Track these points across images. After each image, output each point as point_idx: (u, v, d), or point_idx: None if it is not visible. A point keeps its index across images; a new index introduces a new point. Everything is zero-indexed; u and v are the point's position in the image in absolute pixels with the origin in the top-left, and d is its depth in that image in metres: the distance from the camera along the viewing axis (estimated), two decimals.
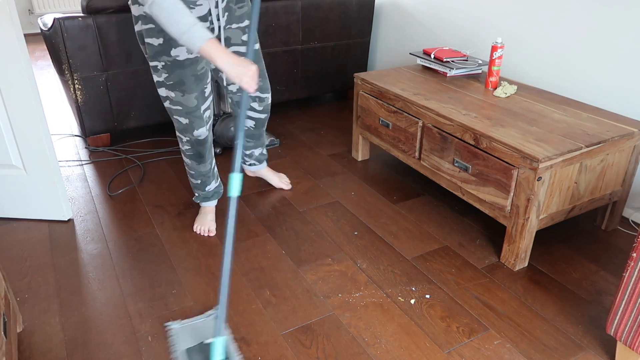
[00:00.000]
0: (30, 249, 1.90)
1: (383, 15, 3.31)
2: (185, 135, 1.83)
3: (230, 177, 1.47)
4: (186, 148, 1.87)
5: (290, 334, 1.52)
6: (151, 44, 1.64)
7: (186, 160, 1.93)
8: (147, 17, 1.60)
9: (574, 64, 2.20)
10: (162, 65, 1.67)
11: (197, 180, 1.97)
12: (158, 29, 1.61)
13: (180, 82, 1.69)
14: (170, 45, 1.63)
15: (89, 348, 1.47)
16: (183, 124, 1.79)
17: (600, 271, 1.80)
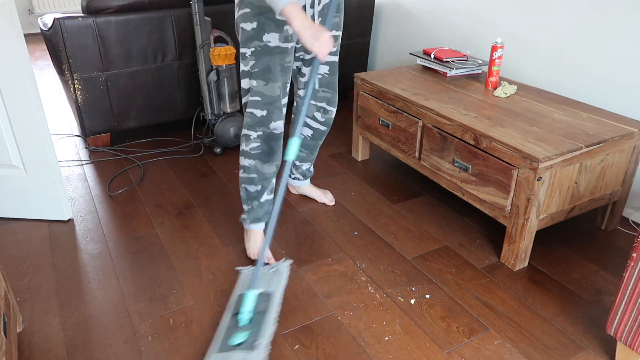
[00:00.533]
0: (30, 249, 1.90)
1: (383, 15, 3.31)
2: (257, 130, 1.72)
3: (289, 141, 1.58)
4: (254, 146, 1.74)
5: (290, 334, 1.52)
6: (245, 28, 1.62)
7: (249, 162, 1.76)
8: (245, 2, 1.60)
9: (574, 63, 2.20)
10: (251, 51, 1.64)
11: (258, 185, 1.79)
12: (253, 13, 1.59)
13: (267, 69, 1.65)
14: (264, 30, 1.61)
15: (89, 348, 1.47)
16: (258, 116, 1.70)
17: (600, 271, 1.80)
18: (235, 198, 2.24)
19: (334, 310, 1.61)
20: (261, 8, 1.59)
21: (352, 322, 1.56)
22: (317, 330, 1.53)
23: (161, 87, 2.71)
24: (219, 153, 2.65)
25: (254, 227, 1.84)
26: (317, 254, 1.88)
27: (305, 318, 1.58)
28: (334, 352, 1.45)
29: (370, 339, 1.50)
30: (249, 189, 1.81)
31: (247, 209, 1.83)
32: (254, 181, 1.79)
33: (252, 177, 1.78)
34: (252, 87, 1.69)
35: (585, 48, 2.14)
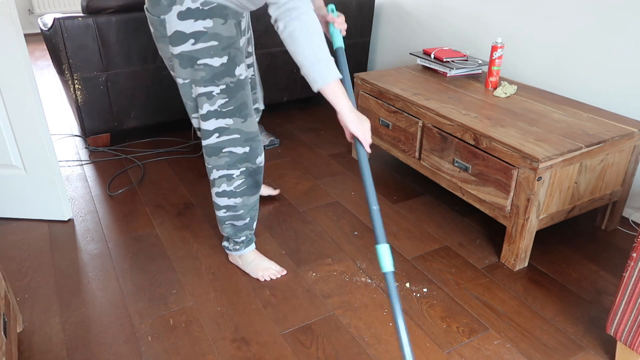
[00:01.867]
0: (30, 249, 1.90)
1: (383, 15, 3.31)
2: (241, 167, 1.57)
3: (378, 249, 1.25)
4: (238, 183, 1.59)
5: (290, 334, 1.52)
6: (210, 64, 1.39)
7: (234, 201, 1.62)
8: (210, 34, 1.36)
9: (574, 63, 2.20)
10: (220, 89, 1.43)
11: (246, 218, 1.68)
12: (223, 46, 1.38)
13: (244, 106, 1.49)
14: (235, 63, 1.42)
15: (89, 348, 1.47)
16: (240, 154, 1.54)
17: (600, 271, 1.80)
18: None
19: (334, 310, 1.61)
20: (231, 39, 1.40)
21: (352, 322, 1.56)
22: (317, 330, 1.53)
23: (161, 87, 2.71)
24: None
25: (250, 249, 1.77)
26: (317, 254, 1.88)
27: (305, 318, 1.58)
28: (334, 352, 1.45)
29: (370, 339, 1.50)
30: (236, 224, 1.69)
31: (240, 240, 1.73)
32: (241, 216, 1.67)
33: (239, 213, 1.66)
34: (225, 127, 1.50)
35: (585, 48, 2.14)
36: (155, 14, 1.38)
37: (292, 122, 3.10)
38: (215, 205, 1.66)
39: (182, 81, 1.45)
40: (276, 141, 2.77)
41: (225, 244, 1.79)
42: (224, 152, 1.54)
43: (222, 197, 1.62)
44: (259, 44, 2.89)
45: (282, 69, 3.05)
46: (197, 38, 1.36)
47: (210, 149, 1.54)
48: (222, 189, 1.61)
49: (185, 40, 1.37)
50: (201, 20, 1.34)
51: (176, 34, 1.37)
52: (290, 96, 3.18)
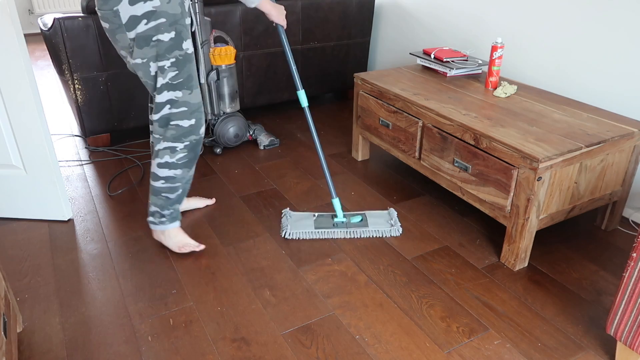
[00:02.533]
0: (30, 249, 1.90)
1: (383, 15, 3.31)
2: (185, 140, 1.69)
3: (299, 94, 1.91)
4: (181, 156, 1.71)
5: (290, 334, 1.52)
6: (162, 40, 1.56)
7: (174, 173, 1.74)
8: (158, 12, 1.53)
9: (574, 63, 2.20)
10: (171, 62, 1.59)
11: (179, 190, 1.79)
12: (170, 22, 1.55)
13: (190, 78, 1.64)
14: (182, 38, 1.59)
15: (89, 348, 1.47)
16: (186, 127, 1.67)
17: (600, 271, 1.80)
18: (234, 198, 2.25)
19: (334, 310, 1.61)
20: (176, 16, 1.56)
21: (352, 322, 1.56)
22: (317, 330, 1.53)
23: None
24: (218, 153, 2.65)
25: (174, 226, 1.85)
26: (317, 254, 1.88)
27: (305, 318, 1.58)
28: (334, 352, 1.45)
29: (370, 339, 1.50)
30: (170, 197, 1.78)
31: (168, 212, 1.81)
32: (177, 188, 1.77)
33: (175, 185, 1.76)
34: (175, 99, 1.63)
35: (586, 48, 2.14)
36: (107, 8, 1.53)
37: (292, 122, 3.10)
38: (154, 176, 1.75)
39: (140, 61, 1.59)
40: (276, 141, 2.77)
41: (151, 218, 1.85)
42: (171, 125, 1.67)
43: (164, 168, 1.73)
44: (259, 44, 2.89)
45: (282, 69, 3.05)
46: (148, 17, 1.53)
47: (162, 120, 1.67)
48: (164, 160, 1.71)
49: (139, 22, 1.54)
50: (149, 1, 1.52)
51: (131, 19, 1.53)
52: (290, 96, 3.18)
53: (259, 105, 3.09)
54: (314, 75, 3.19)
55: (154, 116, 1.67)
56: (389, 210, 2.09)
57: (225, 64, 2.50)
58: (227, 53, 2.48)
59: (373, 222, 2.01)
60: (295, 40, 3.00)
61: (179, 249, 1.85)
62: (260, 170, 2.50)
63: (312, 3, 2.96)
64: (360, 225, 1.99)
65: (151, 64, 1.60)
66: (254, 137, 2.76)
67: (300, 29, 2.99)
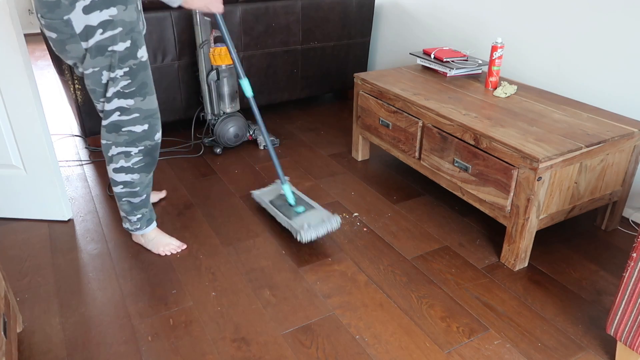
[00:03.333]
0: (30, 249, 1.90)
1: (383, 15, 3.31)
2: (139, 145, 1.67)
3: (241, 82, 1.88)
4: (135, 161, 1.70)
5: (290, 334, 1.52)
6: (116, 50, 1.50)
7: (131, 177, 1.72)
8: (115, 21, 1.47)
9: (574, 64, 2.20)
10: (124, 72, 1.54)
11: (142, 195, 1.78)
12: (126, 31, 1.50)
13: (143, 85, 1.60)
14: (137, 46, 1.54)
15: (89, 348, 1.47)
16: (139, 132, 1.65)
17: (600, 271, 1.80)
18: (234, 198, 2.25)
19: (334, 310, 1.61)
20: (132, 23, 1.51)
21: (352, 322, 1.56)
22: (317, 330, 1.53)
23: (161, 87, 2.71)
24: (218, 153, 2.65)
25: (150, 228, 1.86)
26: (317, 254, 1.88)
27: (305, 318, 1.58)
28: (334, 352, 1.45)
29: (370, 339, 1.50)
30: (133, 201, 1.77)
31: (136, 218, 1.81)
32: (138, 193, 1.76)
33: (135, 190, 1.75)
34: (125, 107, 1.60)
35: (586, 48, 2.14)
36: (57, 17, 1.42)
37: (292, 122, 3.10)
38: (113, 182, 1.75)
39: (92, 70, 1.53)
40: (276, 141, 2.77)
41: (124, 224, 1.86)
42: (123, 131, 1.64)
43: (120, 172, 1.72)
44: (259, 44, 2.89)
45: (282, 69, 3.05)
46: (104, 27, 1.46)
47: (111, 126, 1.63)
48: (119, 164, 1.70)
49: (94, 32, 1.46)
50: (105, 9, 1.44)
51: (86, 29, 1.45)
52: (290, 96, 3.18)
53: (259, 105, 3.09)
54: (314, 75, 3.19)
55: (103, 122, 1.64)
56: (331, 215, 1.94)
57: (225, 64, 2.50)
58: (227, 53, 2.48)
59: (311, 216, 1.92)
60: (295, 40, 3.00)
61: (162, 252, 1.85)
62: (260, 170, 2.50)
63: (312, 3, 2.96)
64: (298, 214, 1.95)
65: (104, 72, 1.54)
66: (254, 137, 2.76)
67: (300, 29, 2.99)
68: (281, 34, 2.94)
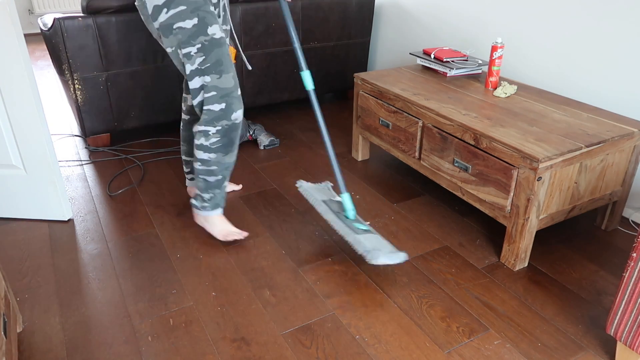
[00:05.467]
0: (30, 249, 1.90)
1: (383, 15, 3.31)
2: (217, 124, 1.71)
3: (302, 75, 1.80)
4: (214, 140, 1.73)
5: (290, 334, 1.52)
6: (184, 27, 1.59)
7: (208, 156, 1.76)
8: (176, 0, 1.57)
9: (574, 64, 2.20)
10: (197, 48, 1.62)
11: (218, 175, 1.81)
12: (191, 9, 1.58)
13: (219, 62, 1.65)
14: (206, 24, 1.61)
15: (89, 348, 1.47)
16: (217, 111, 1.69)
17: (600, 271, 1.80)
18: (235, 197, 2.24)
19: (334, 310, 1.61)
20: (197, 3, 1.59)
21: (352, 322, 1.56)
22: (317, 330, 1.53)
23: (161, 87, 2.71)
24: None
25: (216, 213, 1.89)
26: (317, 254, 1.88)
27: (305, 318, 1.58)
28: (334, 352, 1.45)
29: (370, 339, 1.50)
30: (208, 180, 1.82)
31: (208, 197, 1.85)
32: (214, 172, 1.81)
33: (212, 169, 1.80)
34: (205, 84, 1.67)
35: (586, 48, 2.14)
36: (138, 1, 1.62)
37: (292, 122, 3.10)
38: (195, 157, 1.80)
39: (170, 49, 1.66)
40: (276, 141, 2.77)
41: (193, 201, 1.89)
42: (204, 109, 1.71)
43: (199, 149, 1.76)
44: (259, 44, 2.89)
45: (282, 69, 3.05)
46: (168, 6, 1.58)
47: (199, 105, 1.72)
48: (200, 142, 1.75)
49: (160, 11, 1.59)
50: None
51: (154, 9, 1.60)
52: (290, 96, 3.18)
53: (259, 105, 3.09)
54: (314, 75, 3.19)
55: (194, 102, 1.73)
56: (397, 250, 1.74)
57: None
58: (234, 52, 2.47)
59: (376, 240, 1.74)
60: None
61: (224, 237, 1.90)
62: (260, 170, 2.50)
63: (312, 3, 2.96)
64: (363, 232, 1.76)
65: (178, 51, 1.64)
66: (254, 137, 2.76)
67: (300, 29, 2.99)
68: (281, 34, 2.94)
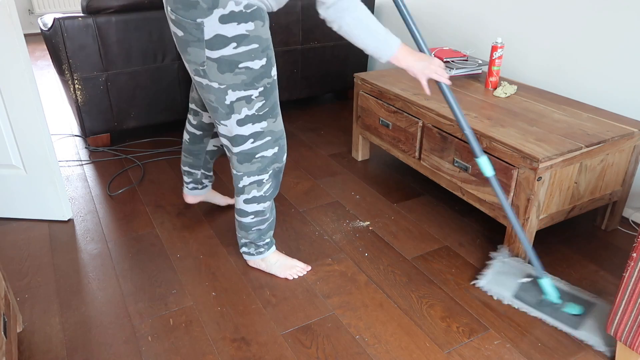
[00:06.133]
0: (30, 249, 1.90)
1: (383, 15, 3.31)
2: (269, 169, 1.56)
3: (479, 162, 1.58)
4: (267, 187, 1.59)
5: (290, 334, 1.52)
6: (252, 67, 1.38)
7: (263, 206, 1.62)
8: (251, 37, 1.35)
9: (574, 63, 2.20)
10: (259, 92, 1.43)
11: (270, 219, 1.68)
12: (262, 48, 1.38)
13: (275, 105, 1.49)
14: (271, 64, 1.43)
15: (89, 348, 1.47)
16: (270, 157, 1.54)
17: (600, 271, 1.80)
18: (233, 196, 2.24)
19: (334, 310, 1.61)
20: (268, 40, 1.41)
21: (352, 322, 1.56)
22: (317, 330, 1.53)
23: (161, 87, 2.71)
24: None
25: (272, 250, 1.77)
26: (317, 254, 1.88)
27: (305, 318, 1.58)
28: (334, 352, 1.45)
29: (370, 339, 1.50)
30: (262, 228, 1.68)
31: (264, 242, 1.72)
32: (267, 219, 1.68)
33: (265, 217, 1.66)
34: (260, 131, 1.49)
35: (585, 48, 2.14)
36: (189, 18, 1.32)
37: (292, 122, 3.10)
38: (241, 212, 1.63)
39: (217, 86, 1.41)
40: None
41: (245, 249, 1.76)
42: (256, 158, 1.53)
43: (252, 203, 1.60)
44: None
45: (282, 69, 3.05)
46: (239, 41, 1.34)
47: (243, 155, 1.52)
48: (252, 195, 1.59)
49: (226, 44, 1.34)
50: (244, 23, 1.33)
51: (216, 38, 1.33)
52: (290, 96, 3.18)
53: None
54: (314, 75, 3.19)
55: (234, 149, 1.52)
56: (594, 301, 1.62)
57: None
58: None
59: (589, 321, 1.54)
60: (295, 40, 3.00)
61: (290, 275, 1.74)
62: None
63: (312, 3, 2.96)
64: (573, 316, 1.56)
65: (229, 92, 1.41)
66: None
67: (300, 29, 2.99)
68: (281, 34, 2.94)
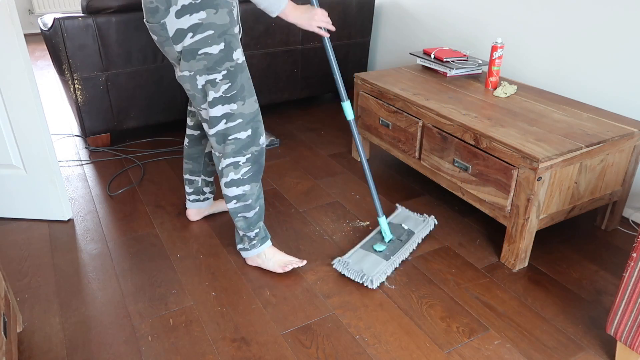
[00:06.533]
0: (30, 249, 1.90)
1: (383, 15, 3.31)
2: (246, 152, 1.62)
3: (344, 105, 1.80)
4: (245, 170, 1.64)
5: (290, 334, 1.52)
6: (210, 53, 1.49)
7: (243, 190, 1.66)
8: (205, 24, 1.46)
9: (574, 63, 2.20)
10: (222, 75, 1.52)
11: (255, 207, 1.71)
12: (219, 33, 1.48)
13: (242, 88, 1.57)
14: (231, 48, 1.52)
15: (89, 348, 1.47)
16: (244, 139, 1.60)
17: (600, 271, 1.80)
18: None
19: (334, 310, 1.61)
20: (224, 26, 1.49)
21: (352, 322, 1.56)
22: (317, 330, 1.53)
23: (161, 87, 2.71)
24: None
25: (266, 246, 1.78)
26: (317, 254, 1.88)
27: (305, 318, 1.58)
28: (334, 352, 1.45)
29: (370, 339, 1.50)
30: (248, 216, 1.71)
31: (253, 234, 1.74)
32: (251, 206, 1.70)
33: (248, 203, 1.69)
34: (230, 112, 1.57)
35: (585, 48, 2.14)
36: (155, 21, 1.49)
37: (292, 122, 3.10)
38: (226, 198, 1.69)
39: (187, 74, 1.54)
40: (276, 141, 2.77)
41: (240, 245, 1.78)
42: (230, 139, 1.61)
43: (231, 187, 1.66)
44: (259, 44, 2.89)
45: (282, 69, 3.05)
46: (194, 30, 1.47)
47: (219, 135, 1.61)
48: (230, 177, 1.65)
49: (185, 35, 1.48)
50: (195, 13, 1.46)
51: (177, 32, 1.48)
52: (290, 96, 3.18)
53: (259, 105, 3.09)
54: (314, 75, 3.19)
55: (210, 131, 1.61)
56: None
57: None
58: None
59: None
60: (295, 40, 3.00)
61: (283, 269, 1.76)
62: None
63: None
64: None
65: (198, 77, 1.53)
66: None
67: (300, 29, 2.99)
68: (281, 34, 2.94)
